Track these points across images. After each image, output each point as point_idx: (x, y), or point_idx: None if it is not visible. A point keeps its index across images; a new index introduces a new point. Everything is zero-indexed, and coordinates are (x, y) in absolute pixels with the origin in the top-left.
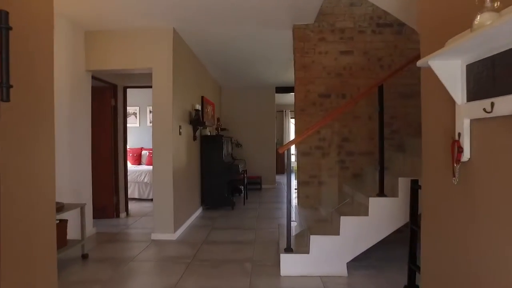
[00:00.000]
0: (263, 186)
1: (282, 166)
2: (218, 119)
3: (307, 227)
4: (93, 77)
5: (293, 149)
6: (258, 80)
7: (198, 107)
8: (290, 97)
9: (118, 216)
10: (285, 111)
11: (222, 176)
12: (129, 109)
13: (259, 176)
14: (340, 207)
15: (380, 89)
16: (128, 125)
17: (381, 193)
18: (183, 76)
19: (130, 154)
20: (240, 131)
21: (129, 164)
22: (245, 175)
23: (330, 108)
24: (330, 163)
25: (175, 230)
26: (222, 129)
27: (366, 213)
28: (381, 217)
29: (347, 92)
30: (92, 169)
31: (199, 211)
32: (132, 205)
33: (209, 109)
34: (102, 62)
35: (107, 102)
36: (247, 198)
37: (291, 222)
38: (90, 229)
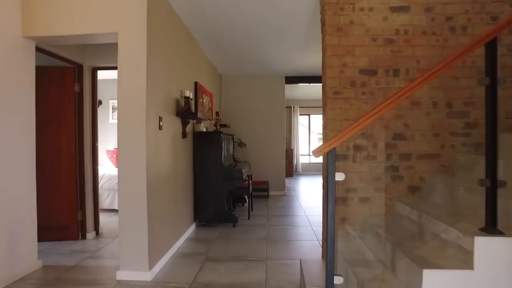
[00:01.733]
0: (270, 193)
1: (290, 168)
2: (217, 113)
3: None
4: (43, 51)
5: (301, 149)
6: (265, 67)
7: (190, 94)
8: (300, 90)
9: (84, 237)
10: (293, 107)
11: (221, 184)
12: (114, 102)
13: (266, 181)
14: (402, 240)
15: (491, 46)
16: (112, 121)
17: (492, 227)
18: (167, 49)
19: (115, 155)
20: (243, 128)
21: (112, 168)
22: (250, 181)
23: (377, 90)
24: (375, 170)
25: (151, 266)
26: (222, 125)
27: (465, 262)
28: (498, 272)
29: (401, 66)
30: (47, 176)
31: (190, 230)
32: (109, 219)
33: (205, 99)
34: (47, 24)
35: (68, 87)
36: (252, 209)
37: (337, 277)
38: (30, 262)
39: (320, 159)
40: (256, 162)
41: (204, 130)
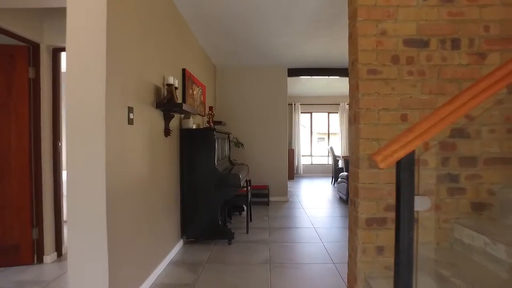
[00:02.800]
0: (271, 199)
1: (291, 170)
2: (211, 108)
3: None
4: None
5: (302, 149)
6: (266, 57)
7: (175, 82)
8: (302, 85)
9: (40, 260)
10: (294, 105)
11: (214, 193)
12: None
13: (266, 186)
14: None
15: None
16: None
17: None
18: (143, 23)
19: None
20: (241, 125)
21: None
22: (249, 187)
23: (429, 68)
24: (426, 180)
25: None
26: (216, 123)
27: None
28: None
29: (463, 34)
30: None
31: (176, 249)
32: None
33: (196, 91)
34: None
35: (19, 72)
36: (251, 220)
37: None
38: None
39: (322, 160)
40: (255, 164)
41: (194, 127)
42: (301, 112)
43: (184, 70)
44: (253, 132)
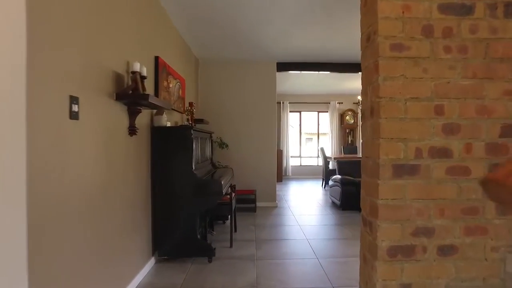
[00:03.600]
0: (258, 204)
1: (279, 172)
2: (192, 104)
3: None
4: None
5: (291, 150)
6: (253, 49)
7: (143, 70)
8: (291, 82)
9: None
10: (282, 103)
11: (192, 202)
12: None
13: (253, 191)
14: None
15: None
16: None
17: None
18: None
19: None
20: (225, 124)
21: None
22: (233, 193)
23: (473, 43)
24: (468, 195)
25: None
26: (198, 121)
27: None
28: None
29: None
30: None
31: (146, 270)
32: None
33: (172, 84)
34: None
35: None
36: (235, 230)
37: None
38: None
39: (311, 161)
40: (241, 166)
41: (169, 125)
42: (290, 111)
43: (157, 59)
44: (239, 132)
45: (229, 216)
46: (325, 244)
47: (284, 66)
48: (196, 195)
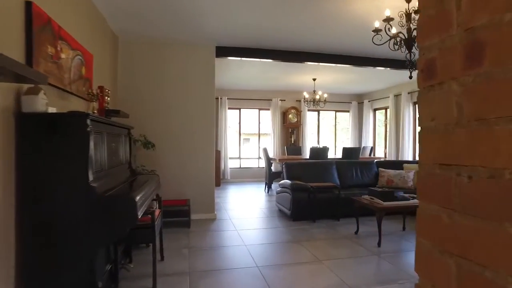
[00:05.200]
0: (193, 217)
1: (217, 176)
2: (103, 90)
3: None
4: None
5: (229, 151)
6: (188, 26)
7: None
8: (231, 75)
9: None
10: (220, 99)
11: (87, 232)
12: None
13: (186, 200)
14: None
15: None
16: None
17: None
18: None
19: None
20: (151, 119)
21: None
22: (159, 209)
23: None
24: None
25: None
26: (112, 112)
27: None
28: None
29: None
30: None
31: None
32: None
33: (67, 55)
34: None
35: None
36: (162, 258)
37: None
38: None
39: (252, 163)
40: (172, 171)
41: (55, 111)
42: (229, 108)
43: (29, 5)
44: (169, 128)
45: (154, 239)
46: (284, 274)
47: (224, 51)
48: (94, 220)
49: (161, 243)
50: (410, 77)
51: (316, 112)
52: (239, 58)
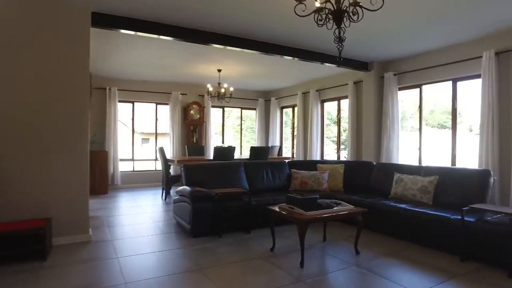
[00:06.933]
0: (57, 242)
1: (104, 182)
2: None
3: None
4: None
5: (120, 152)
6: None
7: None
8: (123, 56)
9: None
10: (109, 90)
11: None
12: None
13: (45, 220)
14: None
15: None
16: None
17: None
18: None
19: None
20: None
21: None
22: None
23: None
24: None
25: None
26: None
27: None
28: None
29: None
30: None
31: None
32: None
33: None
34: None
35: None
36: None
37: None
38: None
39: (148, 165)
40: (24, 177)
41: None
42: (120, 101)
43: None
44: (13, 118)
45: None
46: None
47: (107, 21)
48: None
49: None
50: (339, 59)
51: (221, 109)
52: (131, 32)
